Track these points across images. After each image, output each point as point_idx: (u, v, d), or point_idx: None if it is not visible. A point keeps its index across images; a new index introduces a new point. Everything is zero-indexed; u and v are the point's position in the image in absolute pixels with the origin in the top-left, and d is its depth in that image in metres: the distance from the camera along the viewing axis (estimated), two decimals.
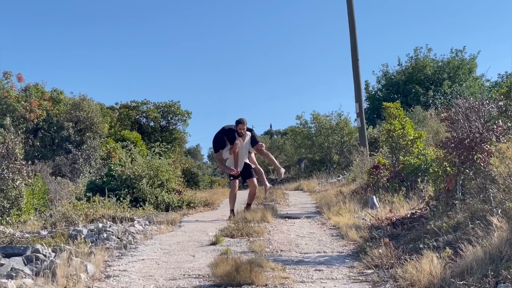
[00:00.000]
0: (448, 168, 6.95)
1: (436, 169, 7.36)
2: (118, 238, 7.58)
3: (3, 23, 66.84)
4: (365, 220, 8.37)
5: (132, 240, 7.60)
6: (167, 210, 12.44)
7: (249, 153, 10.41)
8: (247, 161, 10.32)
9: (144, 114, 29.88)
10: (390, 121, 11.48)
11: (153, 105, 30.10)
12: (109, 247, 6.86)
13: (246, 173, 10.32)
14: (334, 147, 26.81)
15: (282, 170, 10.45)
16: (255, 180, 10.38)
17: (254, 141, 10.30)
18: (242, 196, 17.29)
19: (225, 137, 10.16)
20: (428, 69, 33.03)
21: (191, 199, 13.53)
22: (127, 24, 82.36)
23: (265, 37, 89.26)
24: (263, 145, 10.40)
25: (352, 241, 6.93)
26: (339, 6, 42.02)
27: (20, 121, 19.61)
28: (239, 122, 10.13)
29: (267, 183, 10.42)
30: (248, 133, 10.30)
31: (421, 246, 5.26)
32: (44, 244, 6.36)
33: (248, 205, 10.52)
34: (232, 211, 10.27)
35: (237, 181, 10.37)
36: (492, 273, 4.01)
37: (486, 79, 34.68)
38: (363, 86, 24.94)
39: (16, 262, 5.32)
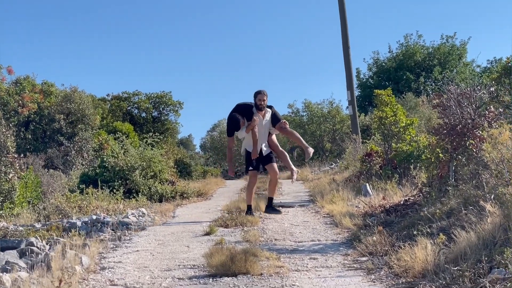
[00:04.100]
0: (440, 154, 6.98)
1: (429, 156, 7.39)
2: (112, 230, 7.59)
3: None
4: (359, 207, 8.40)
5: (126, 231, 7.60)
6: (160, 201, 12.44)
7: (269, 134, 8.80)
8: (265, 144, 8.72)
9: (135, 105, 29.77)
10: (381, 108, 11.49)
11: (144, 96, 29.97)
12: (103, 239, 6.87)
13: (265, 158, 8.69)
14: (326, 135, 26.81)
15: (311, 150, 8.81)
16: (275, 165, 8.80)
17: (275, 119, 8.69)
18: (236, 185, 17.32)
19: (241, 115, 8.52)
20: (418, 55, 33.03)
21: (184, 190, 13.53)
22: (116, 13, 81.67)
23: (255, 26, 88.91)
24: (287, 122, 8.91)
25: (346, 229, 6.96)
26: None
27: (11, 114, 19.49)
28: (259, 93, 8.57)
29: (293, 167, 8.88)
30: (269, 110, 8.73)
31: (415, 232, 5.29)
32: (38, 237, 6.36)
33: (270, 200, 8.95)
34: (249, 207, 8.72)
35: (256, 171, 8.76)
36: (486, 258, 4.04)
37: (476, 64, 34.74)
38: (354, 73, 25.03)
39: (11, 255, 5.32)
